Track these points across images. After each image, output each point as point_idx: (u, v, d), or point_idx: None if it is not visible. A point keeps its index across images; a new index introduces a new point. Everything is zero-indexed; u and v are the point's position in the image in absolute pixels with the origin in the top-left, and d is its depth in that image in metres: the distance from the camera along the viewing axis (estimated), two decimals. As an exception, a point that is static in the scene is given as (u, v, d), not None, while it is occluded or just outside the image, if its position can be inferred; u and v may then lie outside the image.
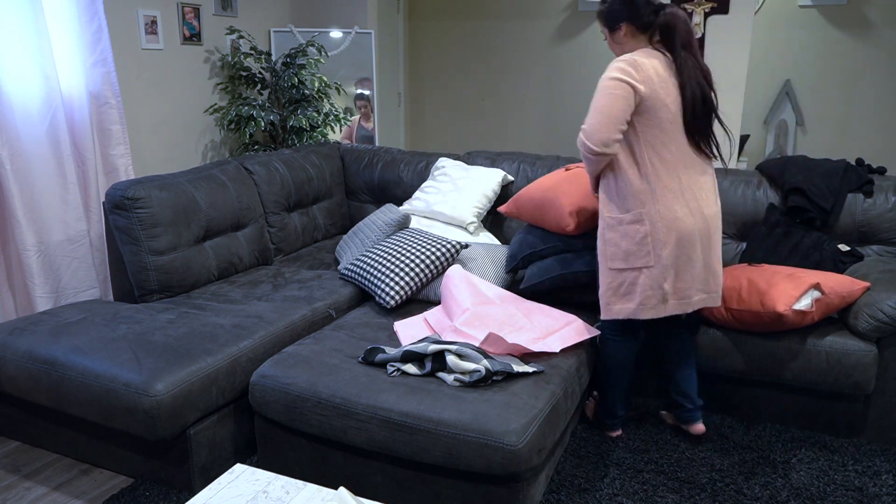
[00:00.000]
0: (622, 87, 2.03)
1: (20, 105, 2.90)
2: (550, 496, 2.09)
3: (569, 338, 2.27)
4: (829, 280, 2.40)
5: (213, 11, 4.13)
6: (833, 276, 2.43)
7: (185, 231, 2.71)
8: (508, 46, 5.83)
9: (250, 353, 2.28)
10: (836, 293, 2.37)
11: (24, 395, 2.25)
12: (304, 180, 3.42)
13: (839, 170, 2.86)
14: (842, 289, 2.38)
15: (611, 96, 2.04)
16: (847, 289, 2.38)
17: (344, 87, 4.54)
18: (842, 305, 2.40)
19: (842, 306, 2.41)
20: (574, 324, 2.36)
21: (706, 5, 4.01)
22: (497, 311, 2.32)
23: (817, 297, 2.34)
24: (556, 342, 2.23)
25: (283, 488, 1.54)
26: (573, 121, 5.77)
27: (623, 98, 2.04)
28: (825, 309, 2.37)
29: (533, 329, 2.27)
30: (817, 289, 2.35)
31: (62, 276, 3.08)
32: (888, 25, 4.75)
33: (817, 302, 2.33)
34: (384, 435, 1.93)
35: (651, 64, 2.07)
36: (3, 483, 2.26)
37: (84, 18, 3.10)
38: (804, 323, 2.34)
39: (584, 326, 2.35)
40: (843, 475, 2.21)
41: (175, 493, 2.14)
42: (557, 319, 2.37)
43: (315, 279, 2.85)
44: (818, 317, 2.35)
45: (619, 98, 2.04)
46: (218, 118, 4.13)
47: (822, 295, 2.35)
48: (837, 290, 2.37)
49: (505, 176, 3.30)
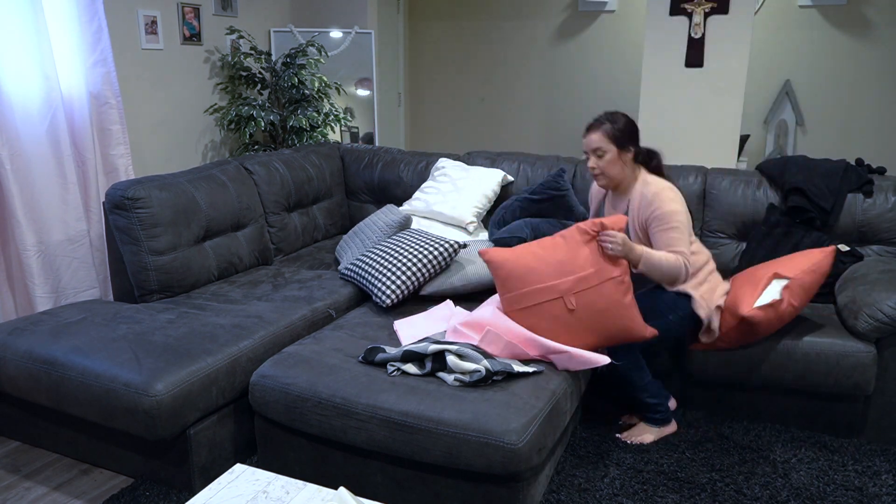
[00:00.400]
0: (686, 215, 2.38)
1: (20, 105, 2.90)
2: (550, 496, 2.09)
3: (581, 362, 2.12)
4: (790, 263, 2.39)
5: (213, 11, 4.13)
6: (796, 257, 2.43)
7: (185, 231, 2.71)
8: (508, 46, 5.83)
9: (250, 353, 2.28)
10: (803, 271, 2.36)
11: (24, 395, 2.25)
12: (304, 180, 3.42)
13: (839, 170, 2.86)
14: (808, 264, 2.37)
15: (688, 231, 2.38)
16: (813, 261, 2.38)
17: (344, 87, 4.54)
18: (820, 279, 2.39)
19: (821, 280, 2.39)
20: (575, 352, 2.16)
21: (706, 5, 4.01)
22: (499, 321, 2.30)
23: (785, 285, 2.33)
24: (559, 364, 2.14)
25: (283, 488, 1.54)
26: (573, 121, 5.77)
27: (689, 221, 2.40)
28: (801, 291, 2.34)
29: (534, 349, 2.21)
30: (779, 277, 2.34)
31: (62, 276, 3.08)
32: (888, 25, 4.75)
33: (786, 289, 2.32)
34: (384, 435, 1.93)
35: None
36: (3, 483, 2.26)
37: (84, 18, 3.10)
38: (785, 313, 2.32)
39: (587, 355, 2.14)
40: (843, 475, 2.21)
41: (175, 493, 2.14)
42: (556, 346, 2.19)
43: (315, 279, 2.85)
44: (798, 302, 2.34)
45: (687, 223, 2.38)
46: (218, 118, 4.13)
47: (789, 280, 2.34)
48: (803, 268, 2.36)
49: (505, 176, 3.30)
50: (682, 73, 4.15)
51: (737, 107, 4.09)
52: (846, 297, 2.48)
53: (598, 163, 2.40)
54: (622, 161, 2.40)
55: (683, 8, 4.06)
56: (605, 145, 2.37)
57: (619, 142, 2.38)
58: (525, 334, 2.21)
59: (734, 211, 2.95)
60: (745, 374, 2.44)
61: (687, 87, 4.16)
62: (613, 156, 2.38)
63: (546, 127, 5.88)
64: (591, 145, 2.39)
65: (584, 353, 2.13)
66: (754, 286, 2.36)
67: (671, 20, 4.11)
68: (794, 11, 4.96)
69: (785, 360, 2.38)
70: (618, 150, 2.38)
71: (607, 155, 2.38)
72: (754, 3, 4.00)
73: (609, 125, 2.38)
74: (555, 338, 2.17)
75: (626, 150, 2.39)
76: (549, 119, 5.86)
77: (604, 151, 2.38)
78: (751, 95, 5.05)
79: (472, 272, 2.69)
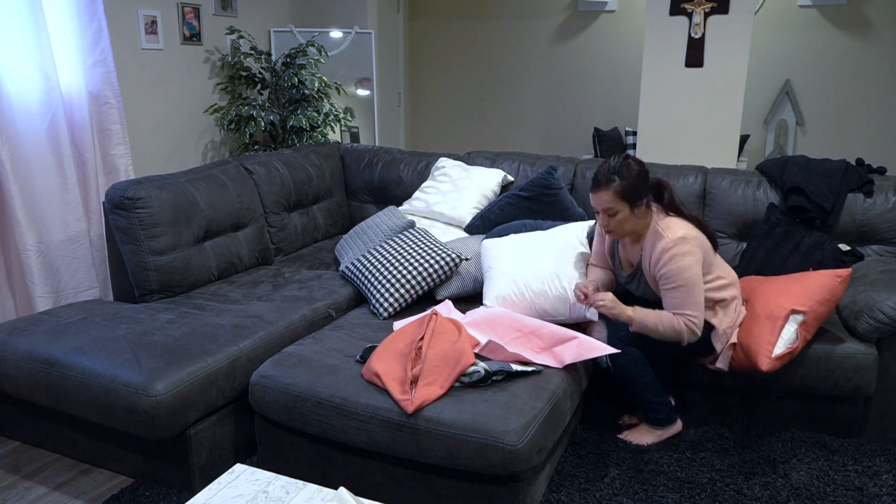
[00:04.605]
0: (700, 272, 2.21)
1: (20, 105, 2.90)
2: (550, 496, 2.09)
3: (581, 352, 2.14)
4: (804, 290, 2.33)
5: (213, 11, 4.13)
6: (810, 280, 2.36)
7: (185, 231, 2.71)
8: (508, 46, 5.84)
9: (250, 353, 2.28)
10: (818, 301, 2.30)
11: (24, 394, 2.25)
12: (304, 180, 3.42)
13: (839, 170, 2.86)
14: (823, 294, 2.31)
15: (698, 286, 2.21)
16: (829, 290, 2.31)
17: (344, 87, 4.54)
18: (833, 305, 2.34)
19: (834, 305, 2.34)
20: (584, 339, 2.21)
21: (706, 5, 4.01)
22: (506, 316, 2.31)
23: (801, 321, 2.29)
24: (567, 353, 2.14)
25: (283, 488, 1.54)
26: (573, 121, 5.77)
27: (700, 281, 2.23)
28: (815, 323, 2.32)
29: (542, 338, 2.23)
30: (796, 313, 2.30)
31: (62, 276, 3.08)
32: (888, 25, 4.75)
33: (802, 325, 2.29)
34: (384, 435, 1.93)
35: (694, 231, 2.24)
36: (3, 483, 2.26)
37: (84, 18, 3.10)
38: (797, 351, 2.30)
39: (595, 342, 2.19)
40: (843, 475, 2.21)
41: (175, 493, 2.14)
42: (566, 333, 2.24)
43: (315, 279, 2.85)
44: (811, 334, 2.32)
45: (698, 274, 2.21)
46: (218, 118, 4.13)
47: (805, 315, 2.29)
48: (818, 298, 2.30)
49: (505, 176, 3.30)
50: (682, 73, 4.15)
51: (737, 107, 4.09)
52: (846, 298, 2.48)
53: (609, 221, 2.24)
54: (635, 216, 2.23)
55: (683, 8, 4.06)
56: (616, 205, 2.19)
57: (631, 198, 2.19)
58: (532, 323, 2.22)
59: (734, 211, 2.95)
60: (745, 379, 2.44)
61: (687, 87, 4.16)
62: (626, 214, 2.21)
63: (546, 127, 5.88)
64: (601, 206, 2.21)
65: (592, 340, 2.16)
66: (771, 326, 2.29)
67: (671, 20, 4.11)
68: (794, 11, 4.96)
69: (786, 367, 2.36)
70: (630, 207, 2.21)
71: (619, 214, 2.21)
72: (754, 3, 4.00)
73: (618, 182, 2.17)
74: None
75: (638, 205, 2.21)
76: (549, 119, 5.86)
77: (615, 211, 2.20)
78: (751, 95, 5.05)
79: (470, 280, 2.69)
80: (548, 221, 2.87)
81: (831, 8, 4.85)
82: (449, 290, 2.68)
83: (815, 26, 4.93)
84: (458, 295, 2.69)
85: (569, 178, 3.19)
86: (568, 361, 2.12)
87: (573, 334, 2.20)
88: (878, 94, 4.88)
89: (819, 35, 4.93)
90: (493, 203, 3.09)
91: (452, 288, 2.68)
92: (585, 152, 5.72)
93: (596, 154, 5.33)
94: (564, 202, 2.98)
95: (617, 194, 2.18)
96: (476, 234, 3.01)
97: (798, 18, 4.96)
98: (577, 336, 2.19)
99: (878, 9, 4.75)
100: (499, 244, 2.62)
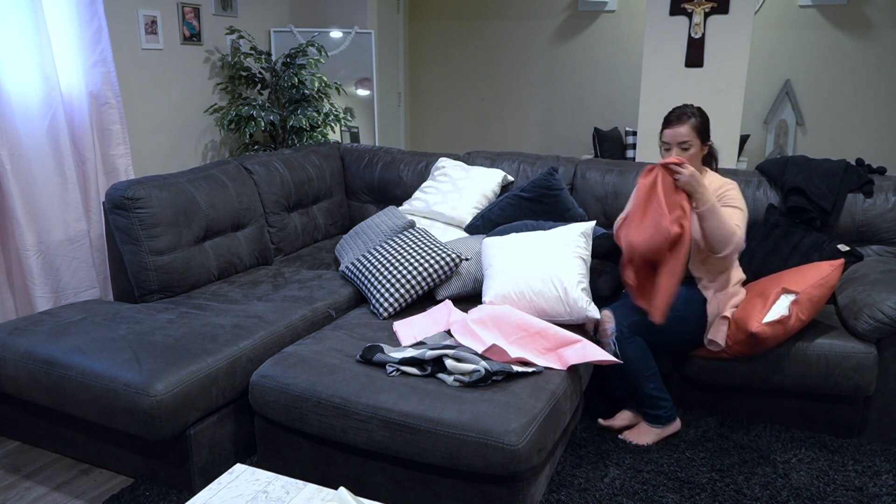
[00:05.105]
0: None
1: (20, 105, 2.90)
2: (550, 496, 2.09)
3: (586, 354, 2.14)
4: (799, 276, 2.38)
5: (213, 11, 4.13)
6: (805, 270, 2.42)
7: (185, 231, 2.71)
8: (508, 46, 5.84)
9: (250, 353, 2.28)
10: (812, 285, 2.34)
11: (24, 394, 2.25)
12: (304, 180, 3.42)
13: (839, 170, 2.86)
14: (816, 278, 2.36)
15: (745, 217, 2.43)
16: (822, 275, 2.36)
17: (344, 87, 4.54)
18: (828, 293, 2.37)
19: (829, 293, 2.37)
20: (589, 343, 2.20)
21: (706, 5, 4.01)
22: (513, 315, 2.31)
23: (794, 299, 2.32)
24: (571, 355, 2.14)
25: (283, 488, 1.54)
26: (573, 121, 5.77)
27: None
28: (809, 305, 2.33)
29: (547, 339, 2.23)
30: (787, 292, 2.33)
31: (62, 276, 3.08)
32: (888, 25, 4.75)
33: (795, 303, 2.31)
34: (384, 435, 1.93)
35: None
36: (3, 483, 2.26)
37: (84, 18, 3.10)
38: (792, 328, 2.31)
39: (599, 349, 2.19)
40: (843, 475, 2.21)
41: (175, 493, 2.14)
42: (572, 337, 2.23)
43: (315, 279, 2.85)
44: (806, 315, 2.33)
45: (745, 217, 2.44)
46: (218, 118, 4.13)
47: (797, 294, 2.32)
48: (811, 282, 2.35)
49: (505, 176, 3.30)
50: (682, 73, 4.15)
51: (737, 107, 4.09)
52: (846, 298, 2.48)
53: (682, 156, 2.40)
54: (700, 155, 2.46)
55: (683, 8, 4.06)
56: (693, 138, 2.41)
57: (703, 136, 2.44)
58: (539, 324, 2.22)
59: (734, 211, 2.94)
60: (744, 376, 2.44)
61: (687, 87, 4.16)
62: (697, 150, 2.43)
63: (546, 127, 5.88)
64: (679, 138, 2.41)
65: (597, 347, 2.18)
66: (763, 301, 2.35)
67: (671, 20, 4.11)
68: (794, 11, 4.96)
69: (785, 362, 2.38)
70: (701, 144, 2.43)
71: (692, 149, 2.41)
72: (754, 3, 4.00)
73: (696, 119, 2.41)
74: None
75: (705, 146, 2.47)
76: (549, 119, 5.86)
77: (690, 145, 2.41)
78: (751, 95, 5.05)
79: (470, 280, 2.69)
80: (549, 222, 2.87)
81: (831, 8, 4.85)
82: (449, 290, 2.68)
83: (815, 26, 4.93)
84: (458, 295, 2.69)
85: (569, 179, 3.19)
86: (571, 363, 2.12)
87: (579, 338, 2.21)
88: (878, 94, 4.88)
89: (819, 35, 4.94)
90: (494, 203, 3.09)
91: (452, 288, 2.68)
92: (585, 152, 5.72)
93: (596, 154, 5.33)
94: (565, 203, 2.98)
95: (694, 129, 2.41)
96: (476, 235, 3.01)
97: (798, 18, 4.96)
98: (581, 340, 2.20)
99: (878, 9, 4.75)
100: (499, 243, 2.62)
